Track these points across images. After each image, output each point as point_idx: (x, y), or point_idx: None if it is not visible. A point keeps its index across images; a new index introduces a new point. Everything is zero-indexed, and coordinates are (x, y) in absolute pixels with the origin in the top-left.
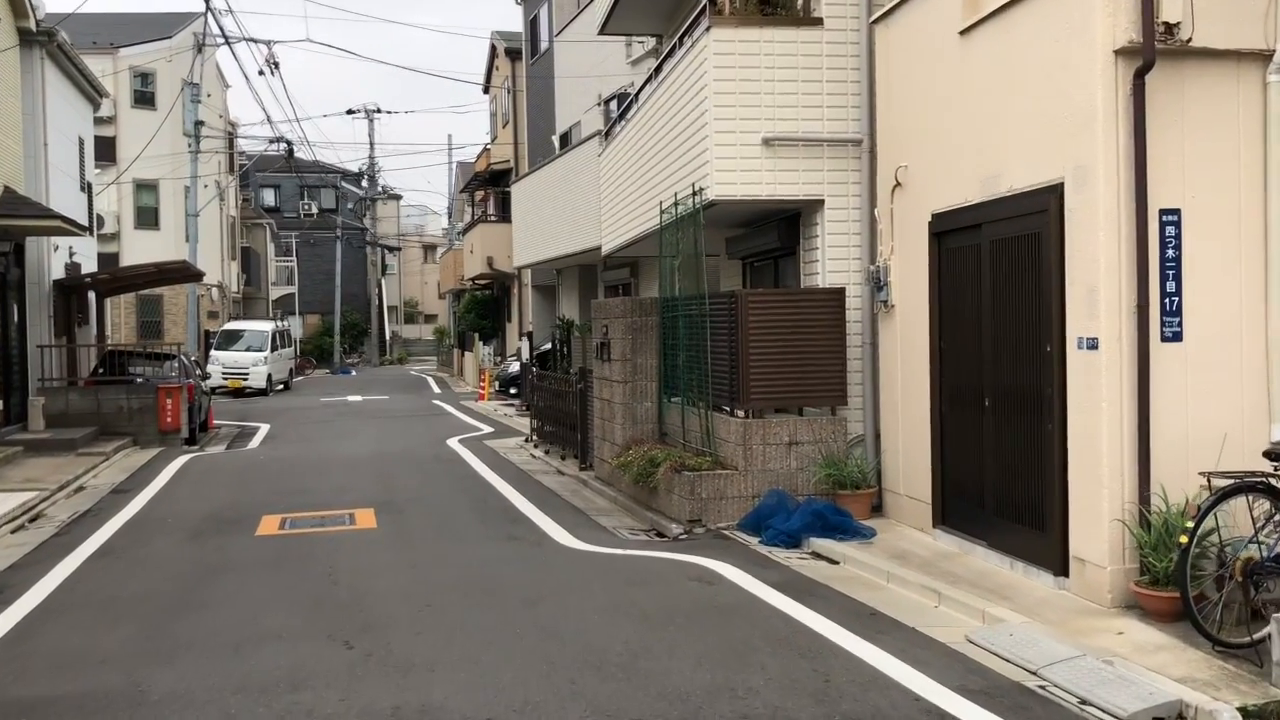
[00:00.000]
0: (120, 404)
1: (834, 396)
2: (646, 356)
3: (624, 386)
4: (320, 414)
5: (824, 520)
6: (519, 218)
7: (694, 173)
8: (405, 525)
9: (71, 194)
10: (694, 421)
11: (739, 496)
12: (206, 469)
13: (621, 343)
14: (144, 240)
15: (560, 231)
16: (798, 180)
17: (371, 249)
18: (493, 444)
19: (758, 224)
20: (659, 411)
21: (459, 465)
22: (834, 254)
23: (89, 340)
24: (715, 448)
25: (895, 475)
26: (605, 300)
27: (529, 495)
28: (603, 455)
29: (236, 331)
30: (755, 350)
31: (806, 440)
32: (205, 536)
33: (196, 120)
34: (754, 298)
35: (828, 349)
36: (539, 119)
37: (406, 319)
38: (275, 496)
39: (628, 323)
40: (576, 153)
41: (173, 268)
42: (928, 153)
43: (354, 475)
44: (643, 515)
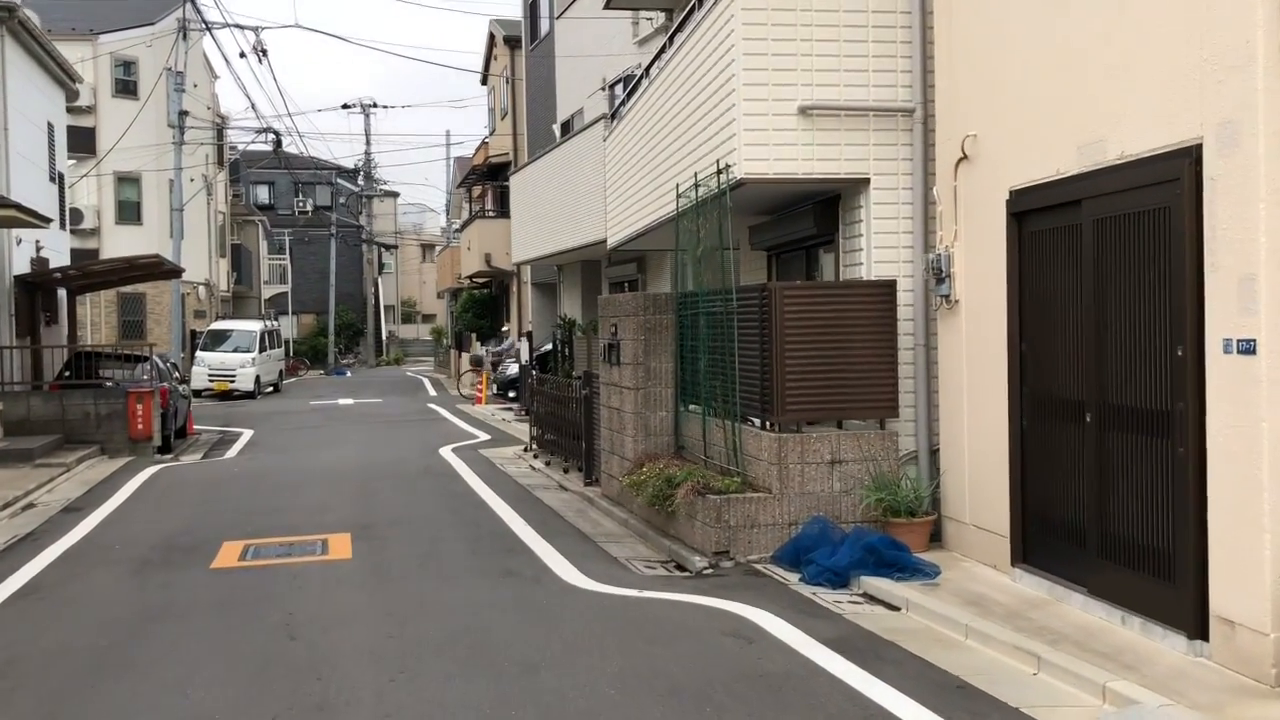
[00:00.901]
0: (87, 410)
1: (883, 407)
2: (661, 360)
3: (636, 394)
4: (308, 419)
5: (878, 555)
6: (518, 211)
7: (718, 149)
8: (384, 556)
9: (38, 184)
10: (717, 435)
11: (773, 524)
12: (174, 483)
13: (633, 344)
14: (126, 236)
15: (562, 225)
16: (839, 156)
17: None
18: (489, 453)
19: (788, 209)
20: (675, 422)
21: (450, 479)
22: (881, 242)
23: (59, 341)
24: (744, 466)
25: (958, 501)
26: (614, 296)
27: (528, 517)
28: (611, 470)
29: (224, 331)
30: (792, 353)
31: (851, 458)
32: (152, 569)
33: (181, 110)
34: (790, 292)
35: (876, 351)
36: (539, 109)
37: (404, 319)
38: (242, 517)
39: (640, 322)
40: (579, 139)
41: (146, 262)
42: (1004, 117)
43: (334, 491)
44: (658, 543)
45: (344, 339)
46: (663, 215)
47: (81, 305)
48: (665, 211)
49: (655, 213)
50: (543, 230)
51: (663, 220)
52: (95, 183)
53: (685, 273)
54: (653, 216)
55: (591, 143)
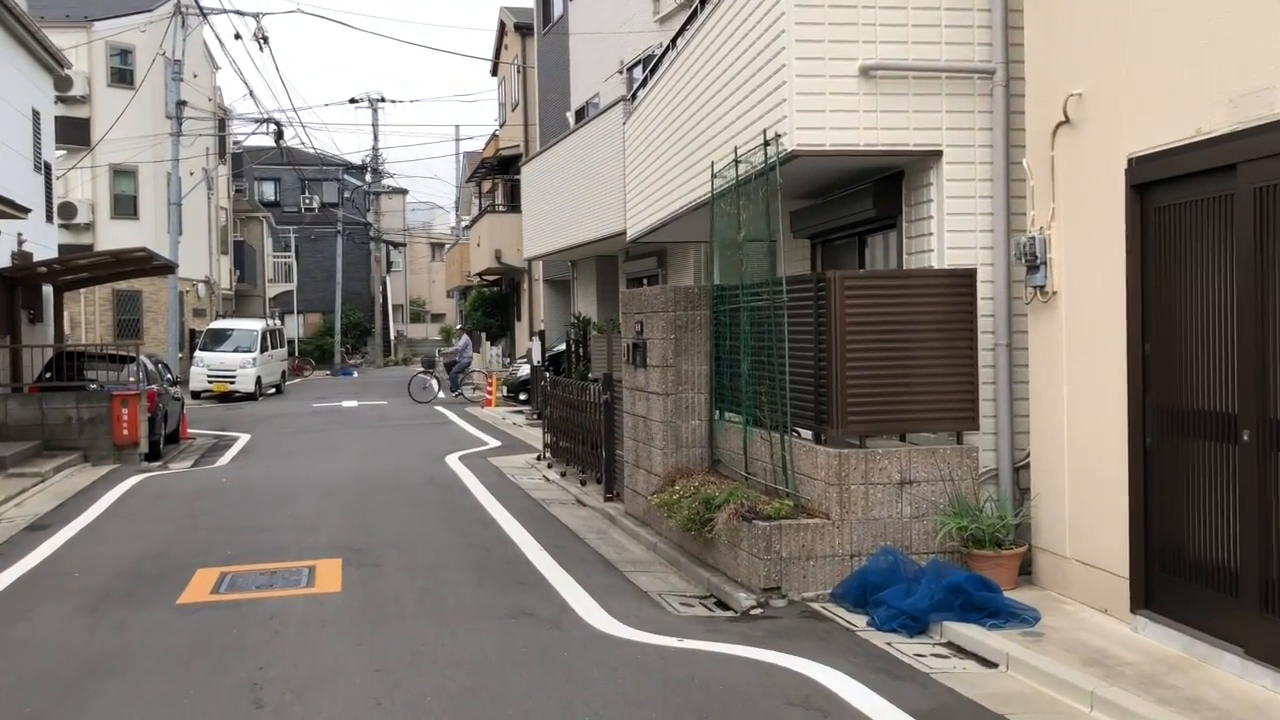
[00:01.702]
0: (69, 414)
1: (960, 417)
2: (694, 362)
3: (665, 400)
4: (308, 422)
5: (965, 597)
6: (530, 204)
7: (764, 118)
8: (378, 589)
9: (20, 173)
10: (761, 448)
11: (832, 555)
12: (155, 495)
13: (661, 344)
14: (121, 230)
15: (576, 217)
16: (907, 125)
17: (375, 245)
18: (498, 462)
19: (839, 190)
20: (709, 432)
21: (457, 492)
22: (956, 225)
23: (45, 340)
24: (794, 486)
25: (1055, 530)
26: (640, 291)
27: (543, 538)
28: (635, 485)
29: (224, 331)
30: (854, 354)
31: (924, 478)
32: (109, 605)
33: (179, 100)
34: (853, 283)
35: (952, 352)
36: (552, 97)
37: (413, 318)
38: (224, 537)
39: (670, 319)
40: (595, 125)
41: (132, 257)
42: (1120, 70)
43: (328, 506)
44: (694, 574)
45: (351, 338)
46: (692, 200)
47: (75, 303)
48: (696, 196)
49: (683, 198)
50: (556, 223)
51: (692, 206)
52: (90, 175)
53: (722, 263)
54: (680, 203)
55: (609, 128)
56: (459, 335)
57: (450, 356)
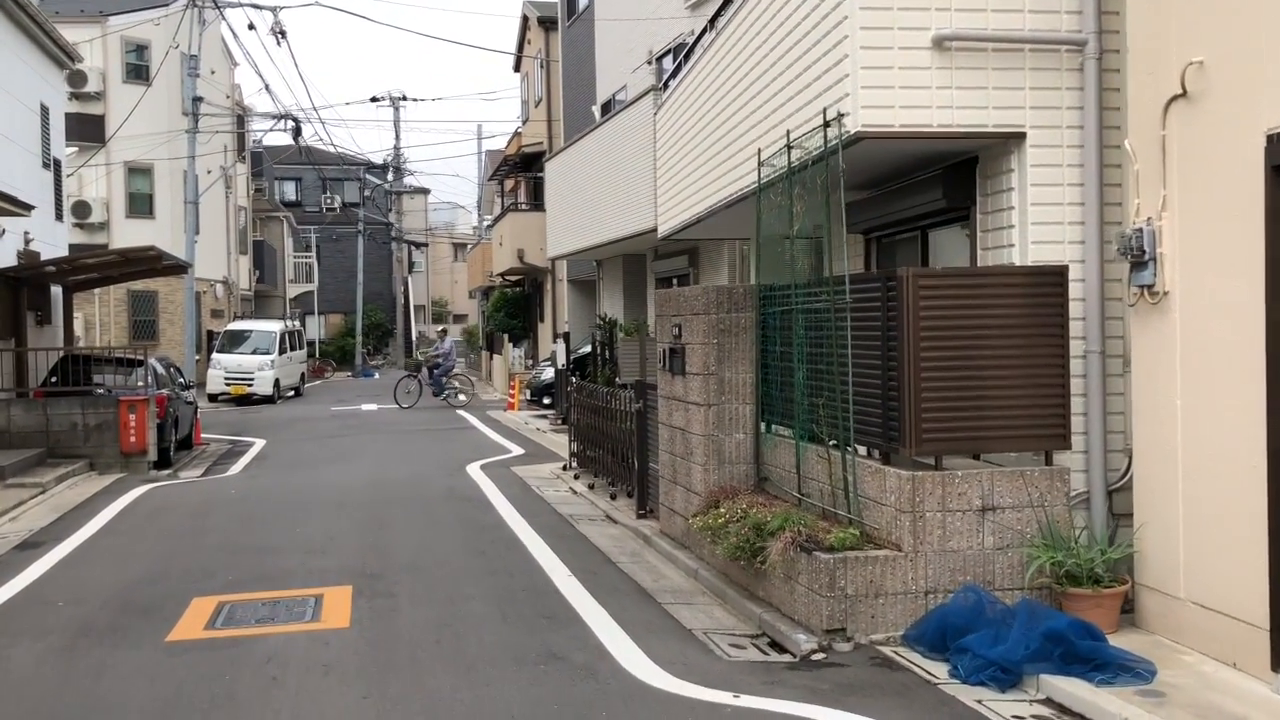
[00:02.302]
0: (74, 420)
1: (1049, 434)
2: (738, 369)
3: (706, 411)
4: (326, 427)
5: (1066, 646)
6: (553, 201)
7: (822, 96)
8: (390, 625)
9: (27, 169)
10: (817, 467)
11: (904, 592)
12: (159, 508)
13: (703, 350)
14: (137, 230)
15: (603, 214)
16: (985, 103)
17: (397, 245)
18: (522, 471)
19: (901, 179)
20: (756, 447)
21: (478, 506)
22: (1041, 216)
23: (54, 342)
24: (858, 511)
25: (1166, 566)
26: (678, 291)
27: (572, 562)
28: (672, 503)
29: (241, 332)
30: (930, 363)
31: (1008, 503)
32: (90, 642)
33: (195, 96)
34: (929, 281)
35: (1039, 360)
36: (576, 91)
37: (435, 319)
38: (227, 558)
39: (712, 321)
40: (623, 117)
41: (142, 256)
42: (1254, 31)
43: (341, 522)
44: (743, 607)
45: (373, 340)
46: (733, 193)
47: (90, 304)
48: (738, 188)
49: (722, 191)
50: (581, 221)
51: (733, 199)
52: (104, 173)
53: (769, 261)
54: (718, 196)
55: (638, 119)
56: (440, 337)
57: (433, 359)
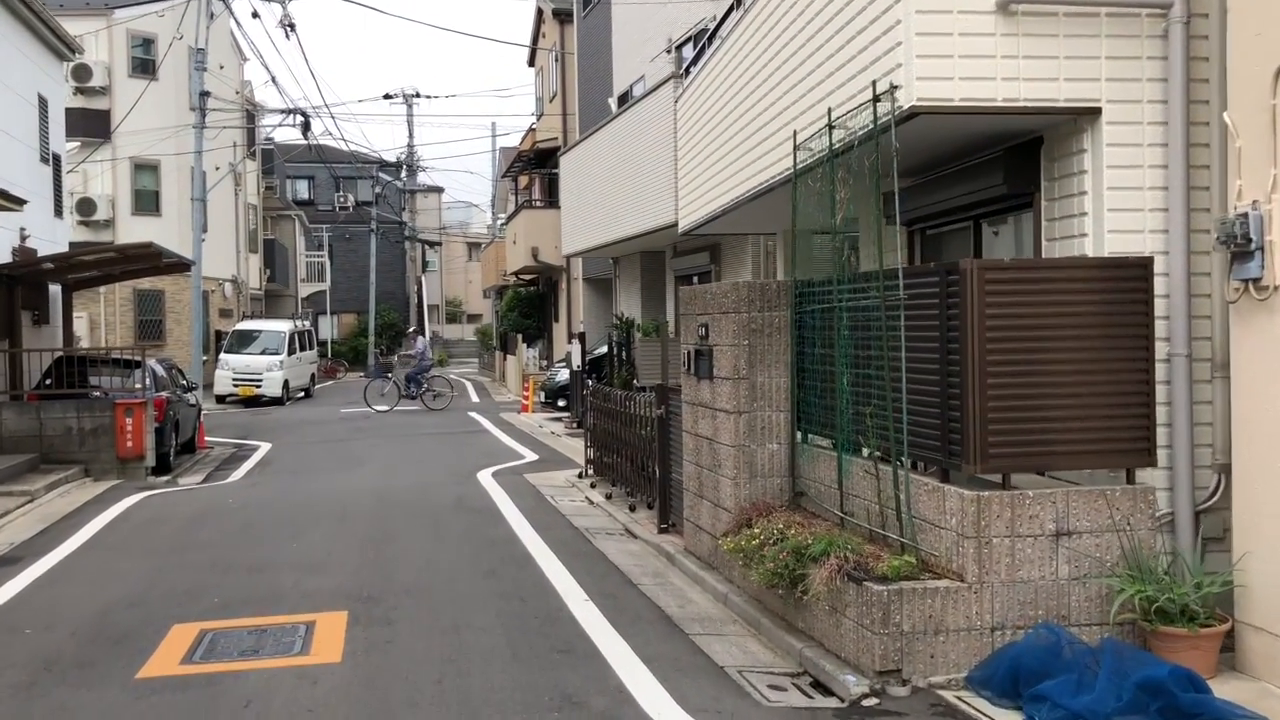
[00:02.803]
0: (69, 424)
1: (1130, 449)
2: (771, 373)
3: (736, 419)
4: (334, 430)
5: (1165, 697)
6: (569, 197)
7: (870, 68)
8: (387, 660)
9: (24, 163)
10: (863, 483)
11: (968, 629)
12: (151, 519)
13: (732, 352)
14: (143, 227)
15: (619, 209)
16: (1056, 75)
17: (410, 244)
18: (536, 479)
19: (954, 163)
20: (791, 459)
21: (488, 518)
22: (1118, 201)
23: (53, 343)
24: (913, 534)
25: (1275, 601)
26: (704, 288)
27: (589, 584)
28: (698, 519)
29: (250, 332)
30: (998, 369)
31: (1085, 527)
32: (54, 678)
33: (202, 90)
34: (996, 275)
35: (1119, 365)
36: (592, 84)
37: (449, 318)
38: (215, 577)
39: (742, 321)
40: (642, 107)
41: (139, 252)
42: None
43: (342, 536)
44: (780, 640)
45: (386, 339)
46: (762, 182)
47: (95, 304)
48: (768, 176)
49: (750, 180)
50: (597, 217)
51: (763, 188)
52: (110, 170)
53: (806, 254)
54: (747, 186)
55: (657, 109)
56: (414, 337)
57: (407, 360)
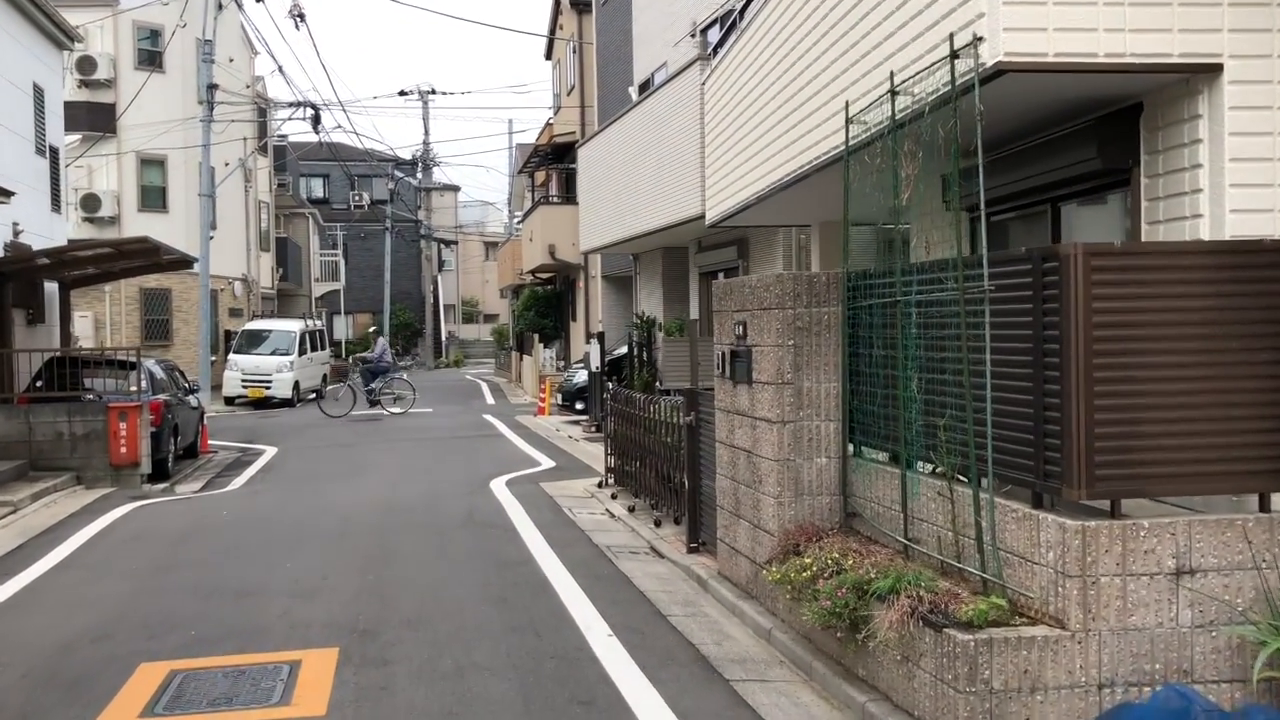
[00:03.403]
0: (60, 429)
1: (1266, 471)
2: (819, 377)
3: (780, 430)
4: (343, 433)
5: None
6: (587, 191)
7: (943, 21)
8: (380, 713)
9: (17, 154)
10: (932, 505)
11: (1071, 685)
12: (137, 534)
13: (775, 353)
14: (150, 224)
15: (641, 202)
16: (1169, 24)
17: (426, 243)
18: (552, 489)
19: (1031, 137)
20: (842, 475)
21: (501, 534)
22: (1244, 175)
23: (50, 343)
24: (998, 570)
25: None
26: (742, 281)
27: (613, 615)
28: (734, 540)
29: (259, 332)
30: (1107, 373)
31: (1212, 565)
32: None
33: (210, 83)
34: (1106, 261)
35: (1252, 369)
36: (612, 73)
37: (465, 318)
38: (195, 605)
39: (787, 319)
40: (665, 93)
41: (135, 247)
42: None
43: (340, 555)
44: (837, 688)
45: (401, 340)
46: (806, 163)
47: (100, 303)
48: (811, 157)
49: (789, 163)
50: (617, 211)
51: (805, 170)
52: (115, 165)
53: (863, 242)
54: (786, 169)
55: (682, 94)
56: (374, 338)
57: (368, 363)
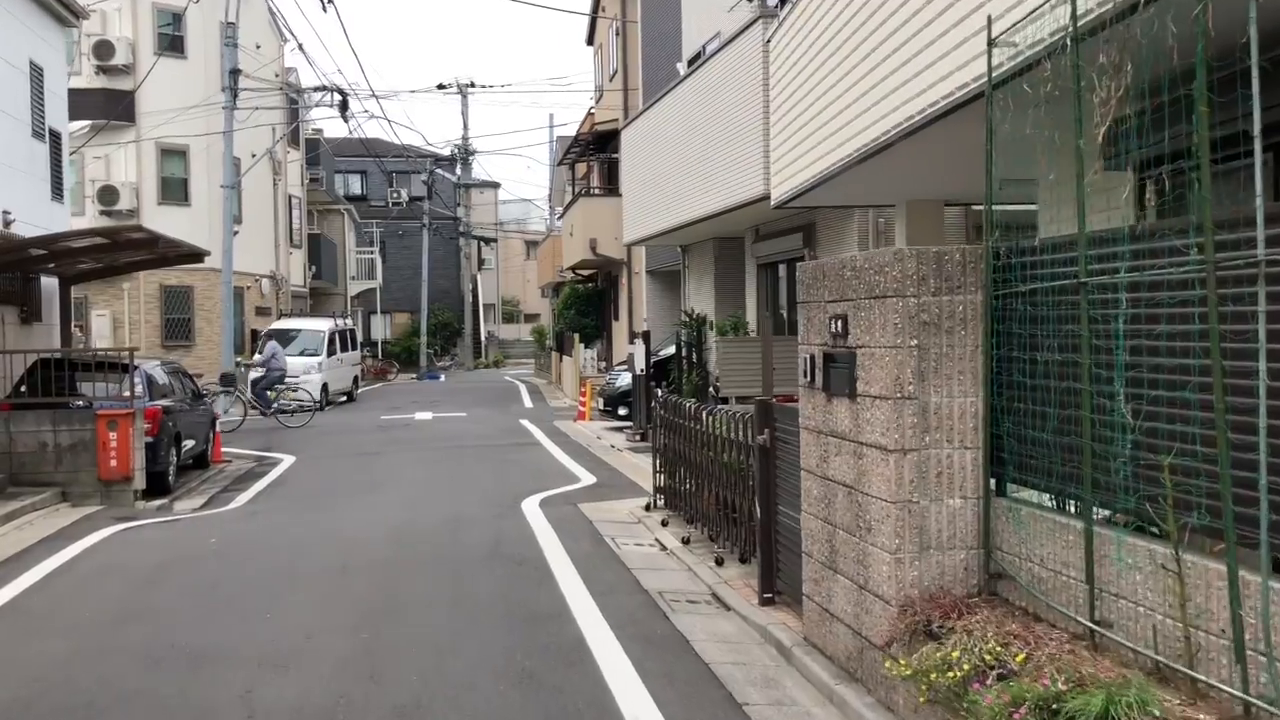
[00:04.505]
0: (44, 439)
1: None
2: (951, 390)
3: (898, 461)
4: (367, 441)
5: None
6: (630, 176)
7: None
8: None
9: (11, 137)
10: (1145, 580)
11: None
12: (102, 569)
13: (892, 357)
14: (170, 218)
15: (692, 186)
16: None
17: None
18: (593, 511)
19: None
20: (984, 520)
21: (531, 575)
22: None
23: (48, 343)
24: (1278, 691)
25: None
26: (843, 260)
27: (672, 706)
28: (828, 600)
29: (287, 332)
30: None
31: None
32: None
33: (233, 68)
34: None
35: None
36: (657, 52)
37: (505, 318)
38: (137, 676)
39: (908, 310)
40: (720, 59)
41: (130, 236)
42: None
43: (331, 603)
44: None
45: (440, 339)
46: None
47: (118, 301)
48: (924, 104)
49: (889, 117)
50: (664, 198)
51: (919, 119)
52: (135, 156)
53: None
54: (884, 125)
55: (741, 59)
56: (263, 341)
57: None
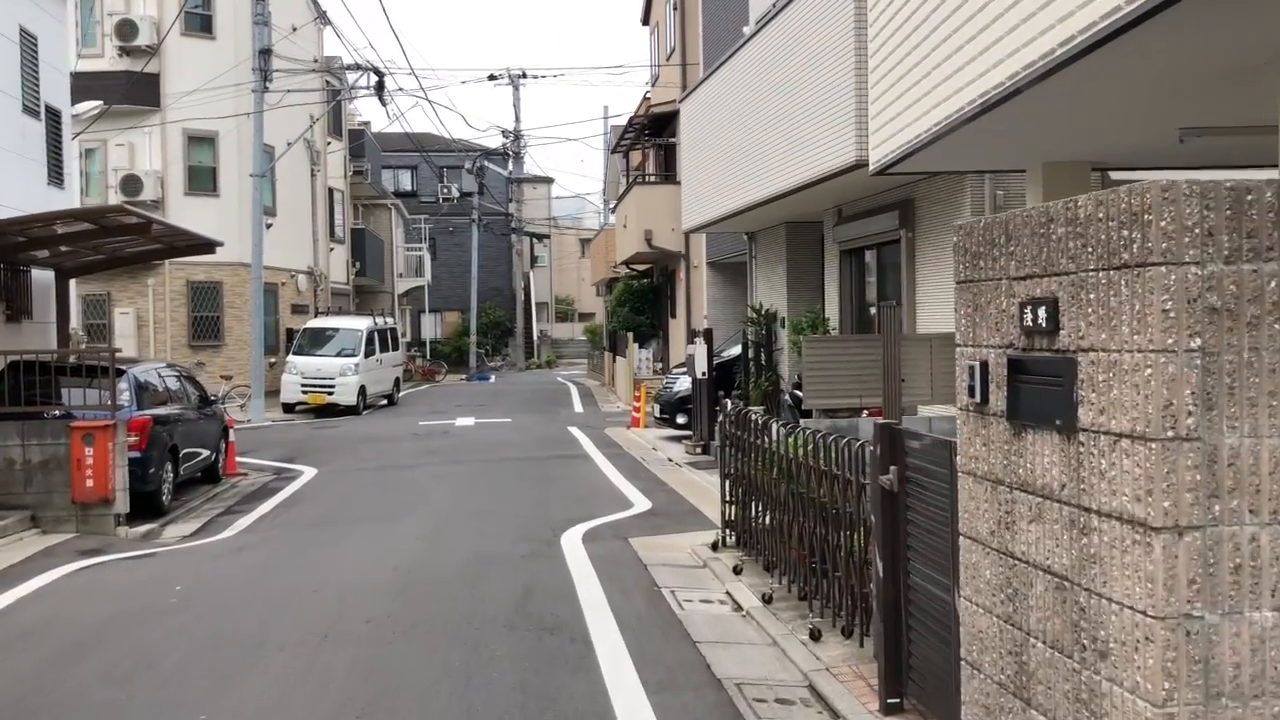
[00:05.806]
0: (11, 454)
1: None
2: (1259, 425)
3: (1166, 543)
4: (400, 452)
5: None
6: (690, 154)
7: None
8: None
9: None
10: None
11: None
12: (32, 627)
13: (1155, 366)
14: (197, 209)
15: (761, 161)
16: None
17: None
18: (648, 551)
19: None
20: None
21: (566, 650)
22: None
23: (43, 343)
24: None
25: None
26: (1045, 209)
27: None
28: None
29: (323, 331)
30: None
31: None
32: None
33: (263, 48)
34: None
35: None
36: (719, 18)
37: (559, 317)
38: None
39: (1179, 287)
40: (795, 10)
41: (120, 223)
42: None
43: (296, 689)
44: None
45: (491, 339)
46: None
47: (143, 298)
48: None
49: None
50: (729, 176)
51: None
52: (160, 143)
53: None
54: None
55: (820, 8)
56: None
57: None
